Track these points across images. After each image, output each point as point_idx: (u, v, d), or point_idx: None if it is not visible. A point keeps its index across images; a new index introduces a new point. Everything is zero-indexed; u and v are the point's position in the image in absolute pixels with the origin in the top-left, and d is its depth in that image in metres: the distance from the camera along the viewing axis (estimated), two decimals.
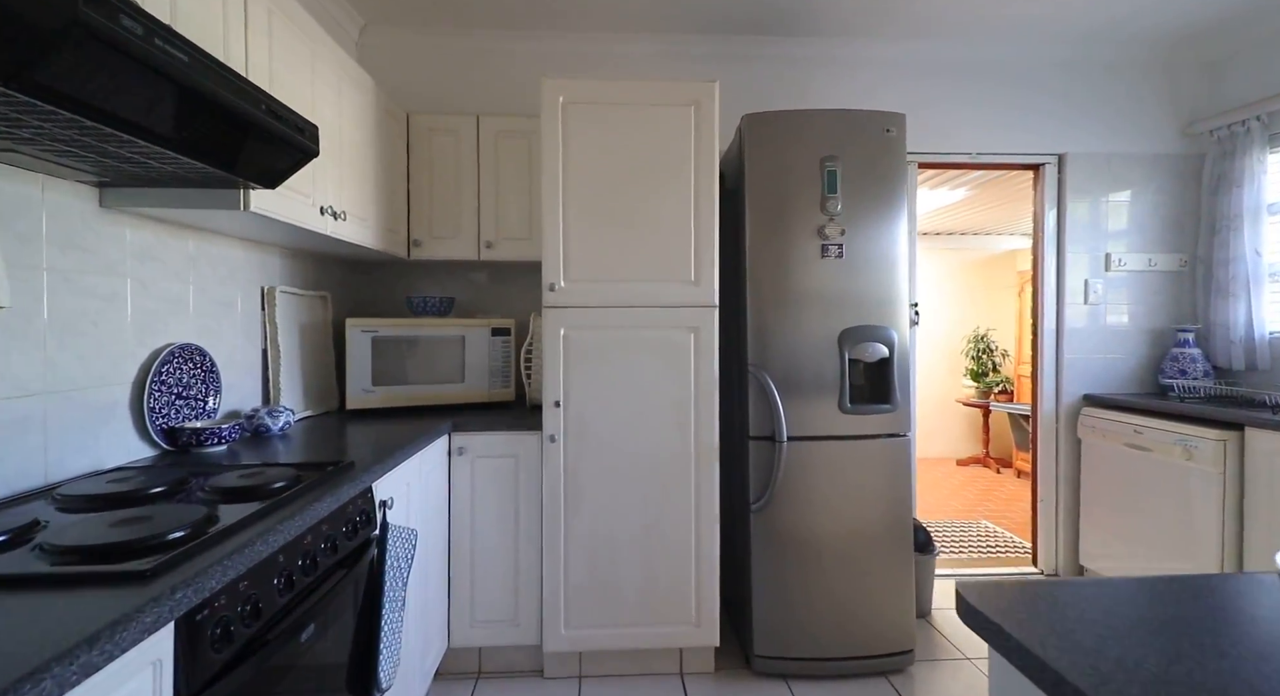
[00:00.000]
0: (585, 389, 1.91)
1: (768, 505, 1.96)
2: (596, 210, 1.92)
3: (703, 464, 1.92)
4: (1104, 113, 2.71)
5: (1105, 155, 2.70)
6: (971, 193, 3.94)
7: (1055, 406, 2.73)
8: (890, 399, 2.00)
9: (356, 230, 1.87)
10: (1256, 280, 2.42)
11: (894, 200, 2.01)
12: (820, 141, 1.99)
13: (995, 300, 5.52)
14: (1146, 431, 2.32)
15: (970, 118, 2.69)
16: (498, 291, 2.66)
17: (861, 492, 2.00)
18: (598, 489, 1.92)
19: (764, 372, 1.97)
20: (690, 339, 1.93)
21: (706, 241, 1.93)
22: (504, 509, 1.96)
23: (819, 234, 1.98)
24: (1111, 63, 2.70)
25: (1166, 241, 2.71)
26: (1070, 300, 2.72)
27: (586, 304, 1.92)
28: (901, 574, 2.01)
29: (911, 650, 2.01)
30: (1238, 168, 2.47)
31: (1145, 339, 2.73)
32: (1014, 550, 3.10)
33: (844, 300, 1.99)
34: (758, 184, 1.99)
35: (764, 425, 1.98)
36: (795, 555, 1.98)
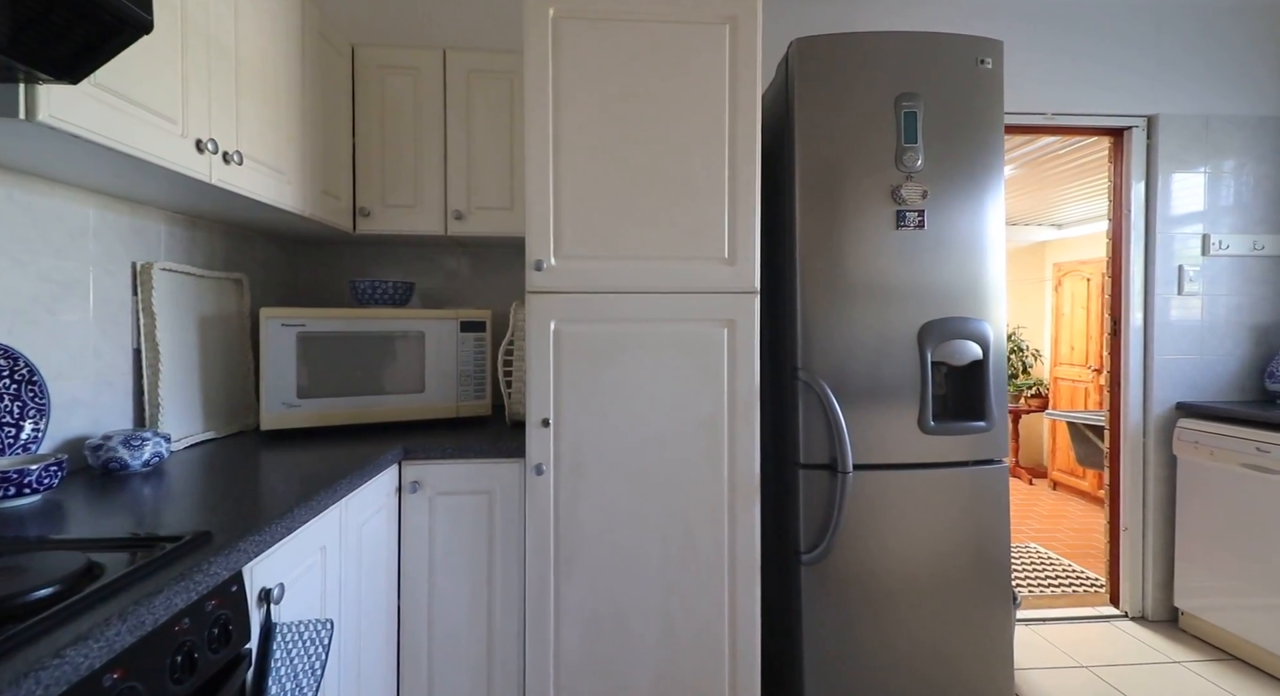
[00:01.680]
0: (583, 402, 1.42)
1: (826, 554, 1.48)
2: (598, 165, 1.42)
3: (740, 504, 1.44)
4: (1205, 66, 2.27)
5: (1202, 118, 2.26)
6: (1018, 171, 3.49)
7: (1144, 417, 2.28)
8: (985, 414, 1.53)
9: (267, 185, 1.35)
10: None
11: (989, 155, 1.54)
12: (895, 75, 1.51)
13: (1024, 296, 5.10)
14: (1274, 450, 1.87)
15: (1048, 70, 2.23)
16: (472, 276, 2.15)
17: (947, 535, 1.52)
18: (600, 539, 1.42)
19: (820, 380, 1.48)
20: (724, 335, 1.44)
21: (745, 207, 1.44)
22: (473, 567, 1.45)
23: (893, 197, 1.50)
24: (1205, 7, 2.26)
25: (1272, 221, 2.28)
26: (1160, 291, 2.27)
27: (585, 288, 1.42)
28: (999, 638, 1.54)
29: None
30: None
31: (1248, 336, 2.29)
32: (1081, 582, 2.65)
33: (926, 285, 1.52)
34: (810, 131, 1.51)
35: (819, 449, 1.49)
36: (860, 613, 1.50)
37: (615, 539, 1.42)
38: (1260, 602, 1.92)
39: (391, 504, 1.39)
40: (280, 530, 0.89)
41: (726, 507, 1.43)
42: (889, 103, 1.51)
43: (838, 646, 1.50)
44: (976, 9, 2.22)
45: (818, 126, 1.51)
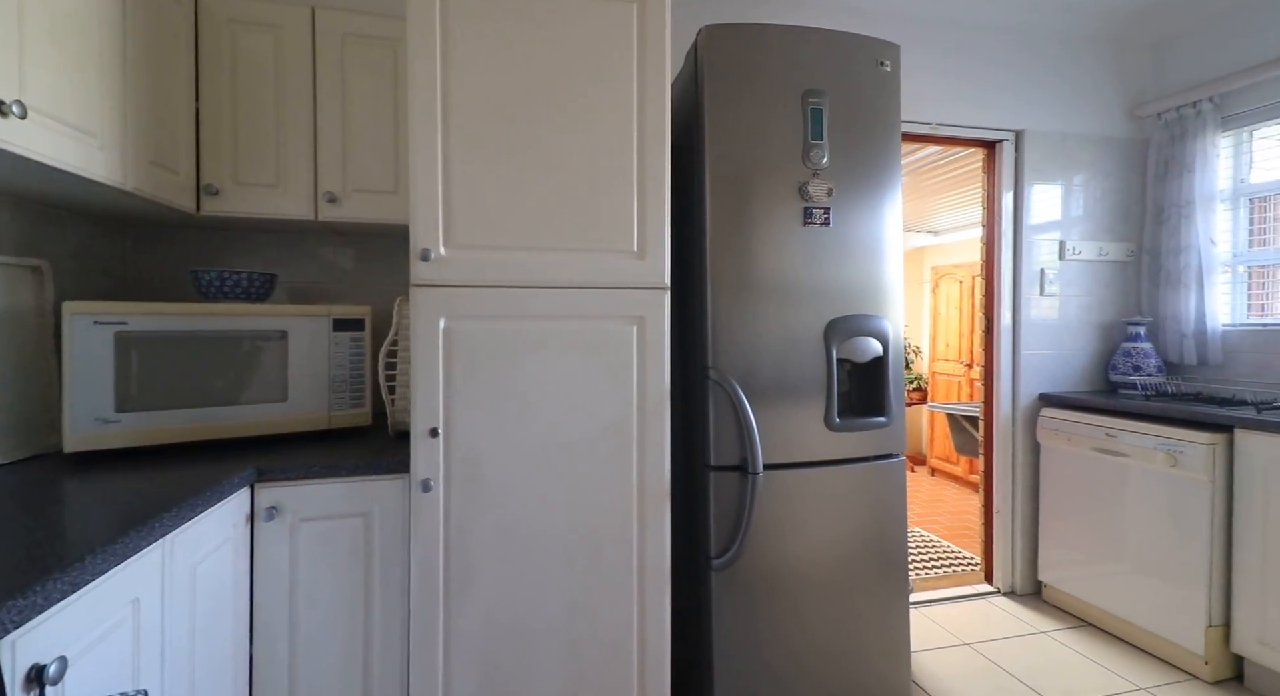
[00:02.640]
0: (478, 409, 1.27)
1: (737, 557, 1.44)
2: (495, 147, 1.28)
3: (650, 511, 1.36)
4: (1060, 89, 2.50)
5: (1060, 135, 2.50)
6: (904, 179, 3.72)
7: (1013, 408, 2.49)
8: (885, 410, 1.56)
9: (67, 148, 1.08)
10: (1209, 271, 2.30)
11: (889, 157, 1.57)
12: (802, 70, 1.50)
13: (906, 297, 5.50)
14: (1121, 435, 2.10)
15: (932, 84, 2.37)
16: (354, 270, 1.91)
17: (851, 530, 1.54)
18: (497, 559, 1.28)
19: (730, 379, 1.44)
20: (633, 333, 1.35)
21: (655, 197, 1.36)
22: (347, 602, 1.26)
23: (800, 194, 1.49)
24: (1069, 34, 2.50)
25: (1115, 230, 2.57)
26: (1026, 292, 2.49)
27: (479, 282, 1.28)
28: (898, 626, 1.58)
29: None
30: (1189, 152, 2.34)
31: (1095, 333, 2.56)
32: (960, 562, 2.86)
33: (831, 282, 1.52)
34: (720, 123, 1.46)
35: (730, 450, 1.45)
36: (769, 614, 1.47)
37: (515, 558, 1.29)
38: (1107, 571, 2.14)
39: (240, 536, 1.17)
40: (62, 586, 0.69)
41: (636, 516, 1.34)
42: (796, 98, 1.49)
43: (747, 649, 1.46)
44: (870, 14, 2.30)
45: (728, 118, 1.47)
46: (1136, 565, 2.05)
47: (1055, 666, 1.94)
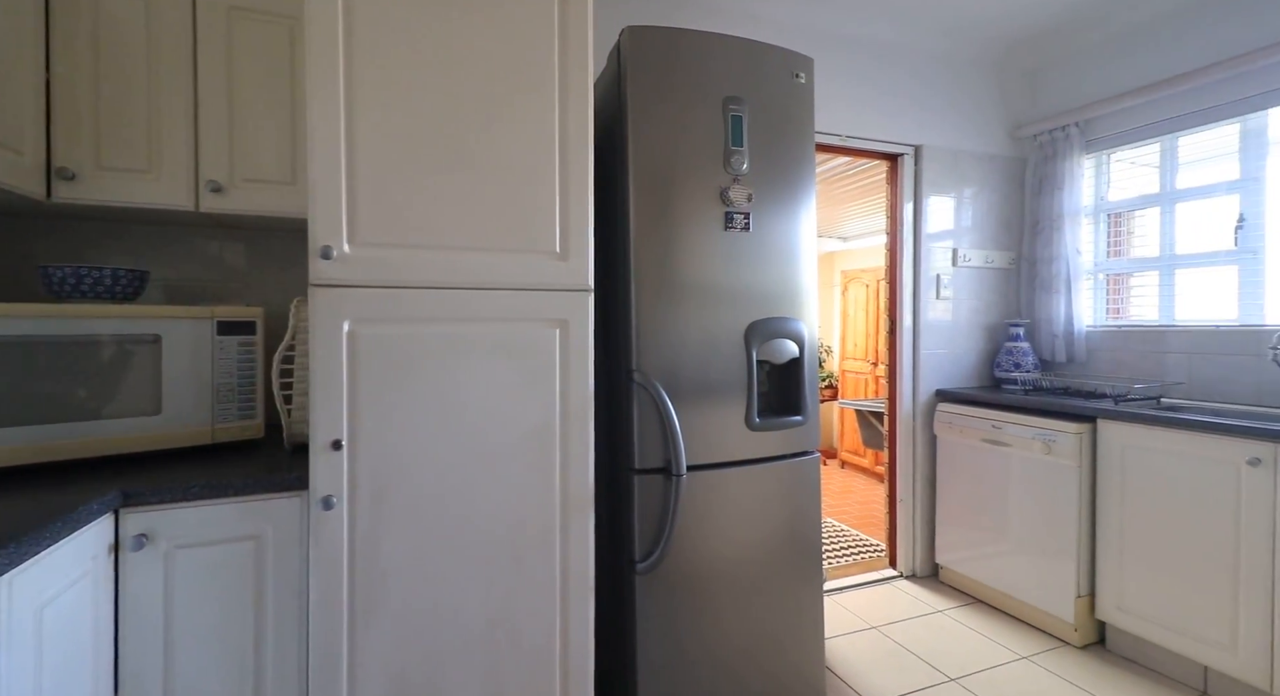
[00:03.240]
0: (388, 418, 1.19)
1: (660, 561, 1.44)
2: (406, 138, 1.20)
3: (574, 519, 1.33)
4: (953, 109, 2.71)
5: (953, 151, 2.71)
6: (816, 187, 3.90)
7: (913, 403, 2.67)
8: (801, 409, 1.62)
9: None
10: (1075, 277, 2.58)
11: (804, 165, 1.63)
12: (723, 77, 1.52)
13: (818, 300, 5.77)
14: (1005, 426, 2.31)
15: (842, 96, 2.49)
16: (248, 269, 1.75)
17: (769, 528, 1.59)
18: (409, 579, 1.21)
19: (654, 381, 1.44)
20: (556, 336, 1.32)
21: (579, 197, 1.33)
22: (234, 638, 1.14)
23: (722, 198, 1.51)
24: (960, 59, 2.72)
25: (1000, 239, 2.82)
26: (924, 295, 2.68)
27: (389, 282, 1.20)
28: (813, 616, 1.65)
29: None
30: (1059, 171, 2.61)
31: (983, 334, 2.80)
32: (868, 550, 3.03)
33: (751, 286, 1.56)
34: (644, 124, 1.46)
35: (653, 452, 1.45)
36: (691, 616, 1.49)
37: (430, 574, 1.22)
38: (993, 551, 2.35)
39: (102, 569, 1.02)
40: None
41: (559, 524, 1.31)
42: (718, 104, 1.51)
43: (671, 651, 1.47)
44: (785, 27, 2.39)
45: (651, 121, 1.46)
46: (1018, 544, 2.26)
47: (951, 642, 2.10)
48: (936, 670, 1.93)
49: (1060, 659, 2.00)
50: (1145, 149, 2.49)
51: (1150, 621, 1.90)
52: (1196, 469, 1.79)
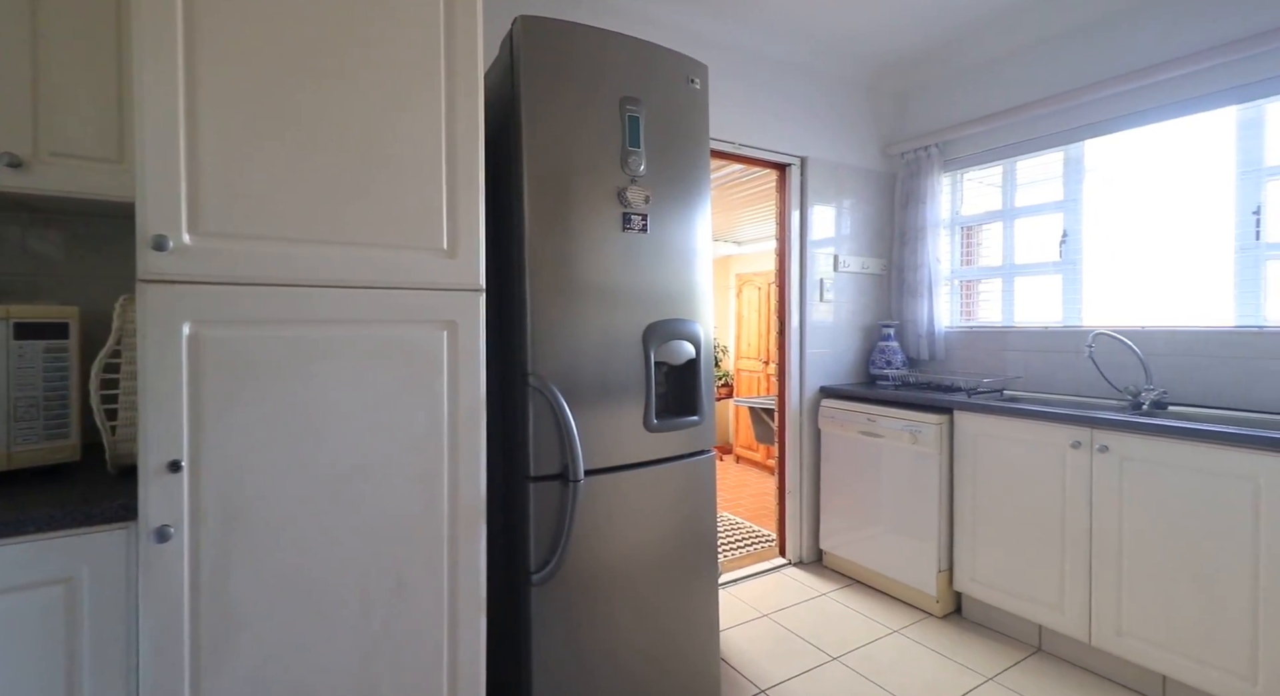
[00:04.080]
0: (243, 434, 1.04)
1: (557, 570, 1.40)
2: (265, 113, 1.06)
3: (463, 533, 1.25)
4: (835, 124, 2.90)
5: (833, 164, 2.90)
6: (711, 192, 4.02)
7: (800, 400, 2.83)
8: (698, 409, 1.65)
9: None
10: (935, 283, 2.86)
11: (699, 170, 1.66)
12: (619, 77, 1.50)
13: (715, 302, 5.99)
14: (879, 419, 2.51)
15: (735, 105, 2.57)
16: (65, 262, 1.47)
17: (667, 528, 1.60)
18: (272, 611, 1.07)
19: (550, 385, 1.39)
20: (443, 338, 1.23)
21: (468, 191, 1.25)
22: None
23: (619, 199, 1.50)
24: (840, 78, 2.91)
25: (874, 247, 3.06)
26: (810, 298, 2.85)
27: (242, 278, 1.05)
28: (708, 611, 1.68)
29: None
30: (922, 187, 2.88)
31: (860, 334, 3.03)
32: (760, 541, 3.18)
33: (648, 287, 1.55)
34: (538, 119, 1.40)
35: (550, 458, 1.40)
36: (589, 624, 1.46)
37: (295, 607, 1.09)
38: (869, 535, 2.55)
39: None
40: None
41: (447, 541, 1.22)
42: (615, 103, 1.49)
43: (568, 661, 1.43)
44: (680, 32, 2.43)
45: (546, 115, 1.41)
46: (890, 527, 2.47)
47: (833, 623, 2.25)
48: (821, 651, 2.05)
49: (925, 629, 2.20)
50: (991, 170, 2.82)
51: (997, 589, 2.15)
52: (1031, 452, 2.05)
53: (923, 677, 1.90)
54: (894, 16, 2.46)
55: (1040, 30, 2.48)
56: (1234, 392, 2.00)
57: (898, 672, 1.92)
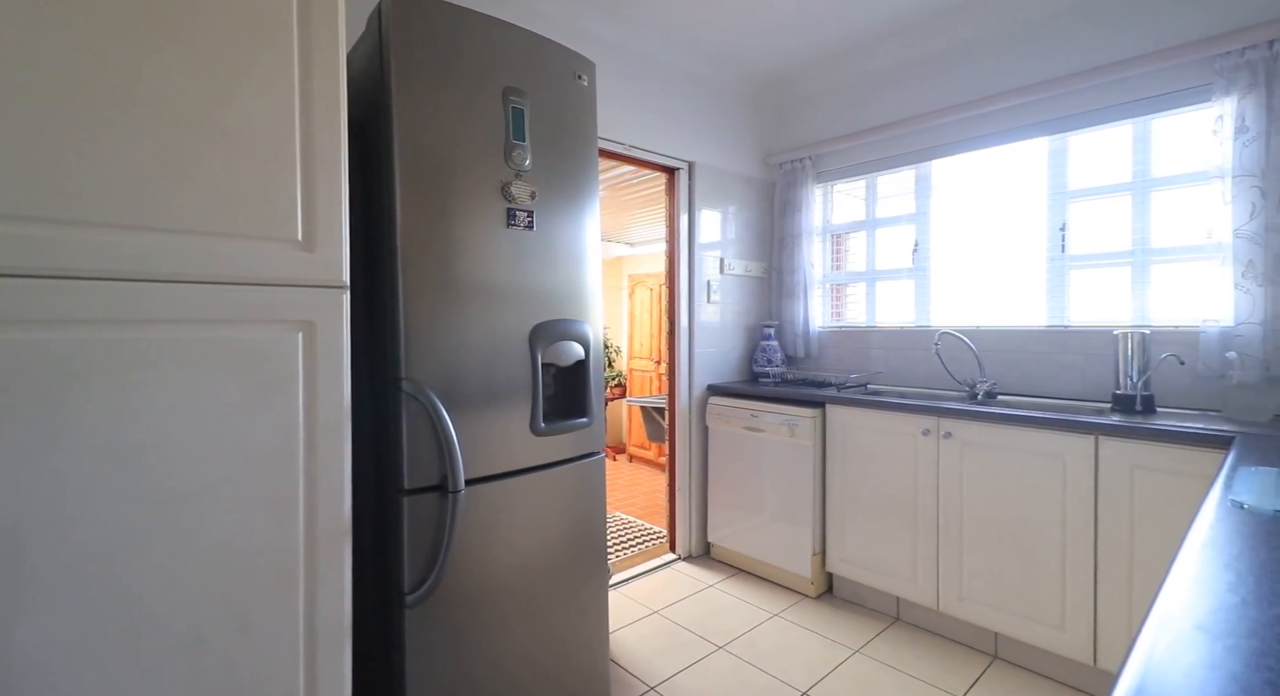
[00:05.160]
0: (34, 454, 0.86)
1: (435, 587, 1.31)
2: (70, 72, 0.88)
3: (323, 556, 1.13)
4: (721, 132, 3.01)
5: (719, 170, 3.00)
6: (602, 193, 4.02)
7: (689, 398, 2.91)
8: (587, 410, 1.62)
9: None
10: (810, 286, 3.07)
11: (587, 168, 1.63)
12: (502, 66, 1.44)
13: (608, 302, 5.99)
14: (760, 415, 2.64)
15: (625, 106, 2.58)
16: None
17: (555, 533, 1.56)
18: (71, 671, 0.89)
19: (427, 390, 1.30)
20: (298, 341, 1.10)
21: (328, 178, 1.13)
22: None
23: (504, 194, 1.43)
24: (727, 88, 3.02)
25: (756, 252, 3.22)
26: (698, 299, 2.93)
27: (33, 269, 0.87)
28: (598, 614, 1.67)
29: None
30: (798, 196, 3.08)
31: (744, 334, 3.18)
32: (652, 538, 3.23)
33: (535, 286, 1.50)
34: (412, 105, 1.30)
35: (427, 469, 1.31)
36: (473, 639, 1.39)
37: (103, 663, 0.91)
38: (753, 525, 2.68)
39: None
40: None
41: (303, 568, 1.10)
42: (497, 94, 1.43)
43: (447, 684, 1.35)
44: (568, 29, 2.39)
45: (420, 101, 1.31)
46: (771, 516, 2.61)
47: (719, 613, 2.34)
48: (708, 641, 2.12)
49: (801, 611, 2.35)
50: (856, 183, 3.07)
51: (862, 567, 2.34)
52: (890, 440, 2.26)
53: (800, 657, 2.02)
54: (771, 37, 2.59)
55: (896, 59, 2.74)
56: (1047, 383, 2.35)
57: (779, 655, 2.03)
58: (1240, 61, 1.87)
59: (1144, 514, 1.68)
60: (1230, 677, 0.47)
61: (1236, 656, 0.50)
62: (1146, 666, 0.49)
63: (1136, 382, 2.00)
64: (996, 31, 2.44)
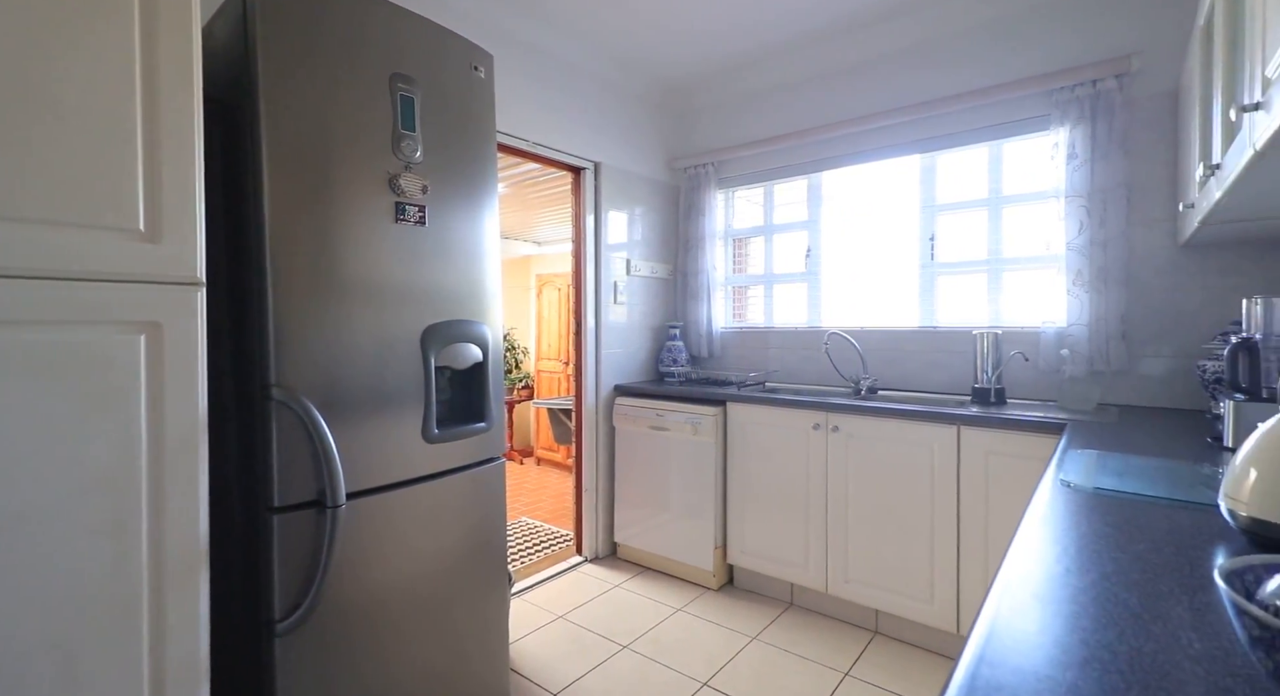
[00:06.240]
0: None
1: (311, 611, 1.21)
2: None
3: (174, 587, 1.00)
4: (628, 134, 3.03)
5: (625, 172, 3.02)
6: (507, 190, 3.91)
7: (596, 399, 2.90)
8: (485, 415, 1.57)
9: None
10: (713, 288, 3.17)
11: (485, 163, 1.57)
12: (389, 51, 1.35)
13: (515, 302, 5.85)
14: (666, 414, 2.69)
15: (529, 103, 2.52)
16: None
17: (451, 543, 1.49)
18: None
19: (301, 397, 1.19)
20: (140, 345, 0.97)
21: (178, 156, 1.00)
22: None
23: (392, 187, 1.34)
24: (634, 91, 3.04)
25: (662, 253, 3.27)
26: (604, 300, 2.93)
27: None
28: (498, 624, 1.62)
29: None
30: (701, 200, 3.16)
31: (651, 335, 3.22)
32: (559, 541, 3.19)
33: (428, 286, 1.43)
34: (284, 85, 1.19)
35: (302, 483, 1.21)
36: (358, 662, 1.30)
37: None
38: (658, 522, 2.72)
39: None
40: None
41: (148, 599, 0.97)
42: (383, 80, 1.34)
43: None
44: (470, 17, 2.30)
45: (293, 83, 1.20)
46: (676, 513, 2.66)
47: (625, 612, 2.35)
48: (612, 642, 2.12)
49: (704, 603, 2.42)
50: (755, 190, 3.21)
51: (760, 557, 2.45)
52: (785, 435, 2.38)
53: (702, 649, 2.08)
54: (677, 45, 2.64)
55: (792, 75, 2.89)
56: (921, 378, 2.57)
57: (680, 649, 2.07)
58: (1071, 96, 2.15)
59: (997, 494, 1.89)
60: (1054, 641, 0.53)
61: (1059, 620, 0.57)
62: (990, 632, 0.55)
63: (991, 377, 2.24)
64: (877, 55, 2.64)
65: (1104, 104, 2.09)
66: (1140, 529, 0.80)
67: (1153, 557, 0.71)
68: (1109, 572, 0.67)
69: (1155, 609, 0.58)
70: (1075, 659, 0.50)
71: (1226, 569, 0.46)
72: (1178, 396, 2.03)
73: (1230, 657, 0.49)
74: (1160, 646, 0.52)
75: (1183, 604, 0.59)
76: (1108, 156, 2.09)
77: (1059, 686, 0.46)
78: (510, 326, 5.61)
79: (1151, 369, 2.08)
